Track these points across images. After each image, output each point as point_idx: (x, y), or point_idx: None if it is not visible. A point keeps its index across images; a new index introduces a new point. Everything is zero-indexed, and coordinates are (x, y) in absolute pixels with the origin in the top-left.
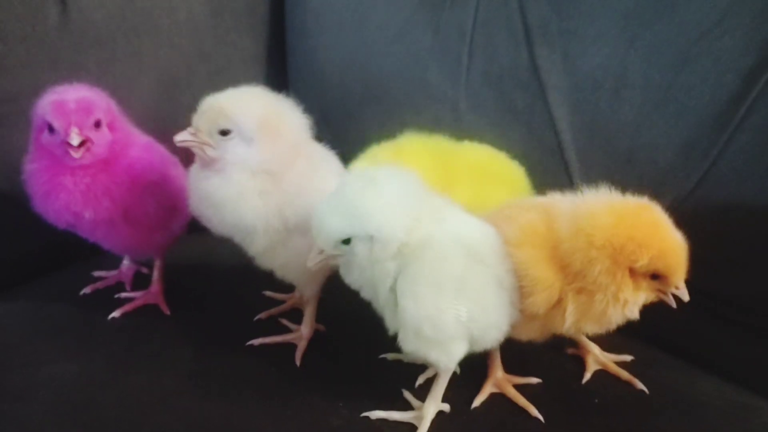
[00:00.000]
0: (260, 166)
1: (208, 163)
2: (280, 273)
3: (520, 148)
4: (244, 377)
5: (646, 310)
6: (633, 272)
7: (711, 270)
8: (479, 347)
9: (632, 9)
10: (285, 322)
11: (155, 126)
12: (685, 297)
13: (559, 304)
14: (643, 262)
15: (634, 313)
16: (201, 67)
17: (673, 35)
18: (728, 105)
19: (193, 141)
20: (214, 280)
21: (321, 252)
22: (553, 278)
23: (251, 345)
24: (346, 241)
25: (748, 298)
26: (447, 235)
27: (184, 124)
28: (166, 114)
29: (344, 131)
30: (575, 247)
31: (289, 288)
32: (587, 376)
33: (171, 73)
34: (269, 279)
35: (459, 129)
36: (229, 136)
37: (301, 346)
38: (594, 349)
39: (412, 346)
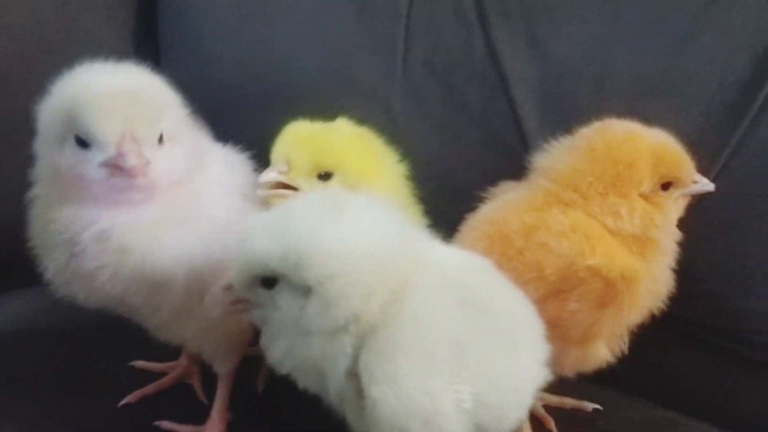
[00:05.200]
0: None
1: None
2: (193, 344)
3: (476, 155)
4: None
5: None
6: (646, 196)
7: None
8: None
9: None
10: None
11: None
12: (710, 186)
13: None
14: (645, 182)
15: (674, 229)
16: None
17: (669, 8)
18: (741, 93)
19: None
20: (55, 348)
21: (229, 289)
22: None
23: None
24: (269, 284)
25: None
26: (431, 278)
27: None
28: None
29: (241, 143)
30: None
31: (168, 353)
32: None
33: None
34: (137, 341)
35: (394, 133)
36: None
37: None
38: None
39: None
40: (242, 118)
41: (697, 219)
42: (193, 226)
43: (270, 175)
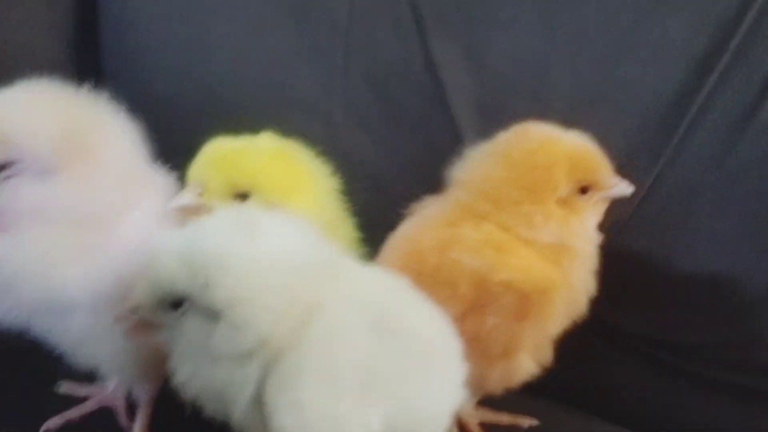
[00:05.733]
0: (71, 212)
1: None
2: (109, 368)
3: (416, 166)
4: None
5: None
6: (563, 201)
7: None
8: None
9: None
10: None
11: None
12: (628, 190)
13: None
14: (562, 186)
15: (593, 234)
16: None
17: (604, 19)
18: (677, 102)
19: None
20: None
21: (135, 309)
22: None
23: None
24: (177, 306)
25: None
26: (341, 300)
27: None
28: None
29: (180, 158)
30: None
31: (93, 377)
32: None
33: None
34: (61, 365)
35: (336, 145)
36: (10, 171)
37: None
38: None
39: None
40: (183, 130)
41: (632, 228)
42: (103, 252)
43: (183, 199)
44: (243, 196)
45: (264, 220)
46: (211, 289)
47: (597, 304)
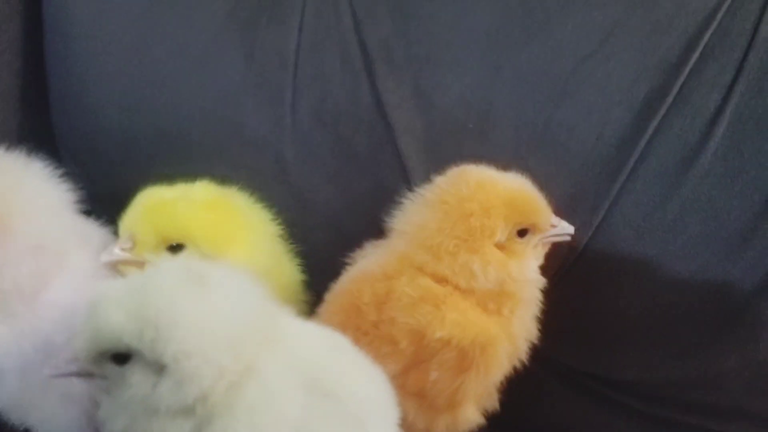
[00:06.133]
0: None
1: None
2: (40, 429)
3: (366, 204)
4: None
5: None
6: (501, 245)
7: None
8: None
9: (496, 29)
10: None
11: None
12: (570, 229)
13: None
14: (499, 231)
15: (535, 276)
16: None
17: (548, 61)
18: (619, 146)
19: None
20: None
21: (72, 362)
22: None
23: None
24: (120, 359)
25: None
26: (277, 363)
27: None
28: None
29: (128, 195)
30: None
31: None
32: None
33: None
34: None
35: (287, 183)
36: None
37: None
38: None
39: None
40: (132, 166)
41: (577, 270)
42: (28, 317)
43: (112, 254)
44: (176, 247)
45: (212, 272)
46: (160, 343)
47: (546, 342)
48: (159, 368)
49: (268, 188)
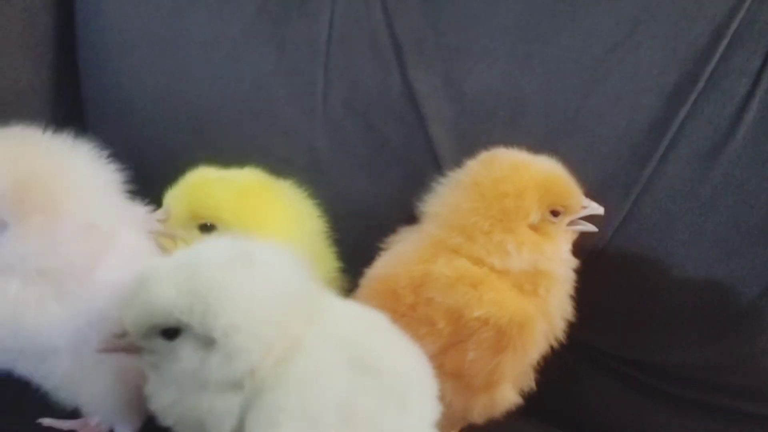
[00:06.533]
0: (29, 264)
1: None
2: (92, 408)
3: (399, 192)
4: None
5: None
6: (535, 227)
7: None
8: None
9: (525, 19)
10: None
11: None
12: (600, 210)
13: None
14: (533, 212)
15: (567, 257)
16: None
17: (577, 50)
18: (649, 132)
19: None
20: None
21: (121, 336)
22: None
23: None
24: (170, 334)
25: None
26: (322, 339)
27: None
28: None
29: (163, 185)
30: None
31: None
32: None
33: None
34: (45, 398)
35: (319, 172)
36: None
37: None
38: None
39: None
40: (166, 157)
41: (608, 255)
42: (79, 297)
43: (149, 222)
44: (209, 227)
45: (258, 250)
46: (210, 318)
47: (577, 327)
48: (208, 343)
49: (301, 177)
